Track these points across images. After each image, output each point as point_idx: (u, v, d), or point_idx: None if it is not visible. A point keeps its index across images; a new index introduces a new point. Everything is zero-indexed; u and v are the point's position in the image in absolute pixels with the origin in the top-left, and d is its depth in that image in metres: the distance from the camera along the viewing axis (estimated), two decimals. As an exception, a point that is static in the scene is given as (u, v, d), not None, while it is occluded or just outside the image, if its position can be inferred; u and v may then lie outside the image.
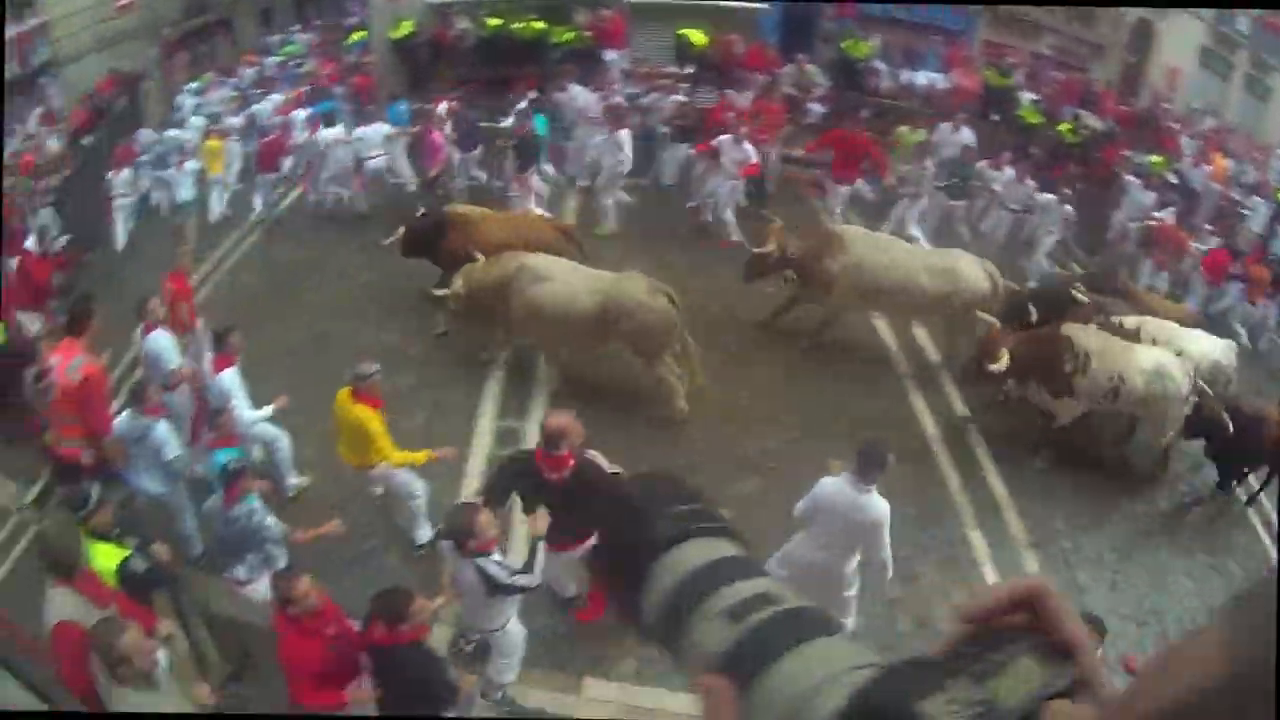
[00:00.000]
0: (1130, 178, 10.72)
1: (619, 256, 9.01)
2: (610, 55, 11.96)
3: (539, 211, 9.33)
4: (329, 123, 10.69)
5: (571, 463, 5.09)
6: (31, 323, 8.08)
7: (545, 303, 7.14)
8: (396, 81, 11.92)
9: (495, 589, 4.64)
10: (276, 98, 12.07)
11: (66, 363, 5.72)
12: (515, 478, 5.26)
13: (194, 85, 12.44)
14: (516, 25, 11.90)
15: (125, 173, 10.45)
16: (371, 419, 5.69)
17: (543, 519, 4.90)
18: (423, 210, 8.88)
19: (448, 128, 10.49)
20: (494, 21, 11.98)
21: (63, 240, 8.87)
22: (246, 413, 6.26)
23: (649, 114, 11.07)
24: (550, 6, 12.14)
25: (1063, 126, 11.25)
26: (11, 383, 7.79)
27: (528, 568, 4.73)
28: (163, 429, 5.94)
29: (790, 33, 12.47)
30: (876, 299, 8.26)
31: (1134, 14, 12.35)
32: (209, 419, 6.01)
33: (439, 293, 7.69)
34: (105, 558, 4.71)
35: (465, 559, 4.59)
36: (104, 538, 4.88)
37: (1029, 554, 6.94)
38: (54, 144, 11.10)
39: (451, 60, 11.99)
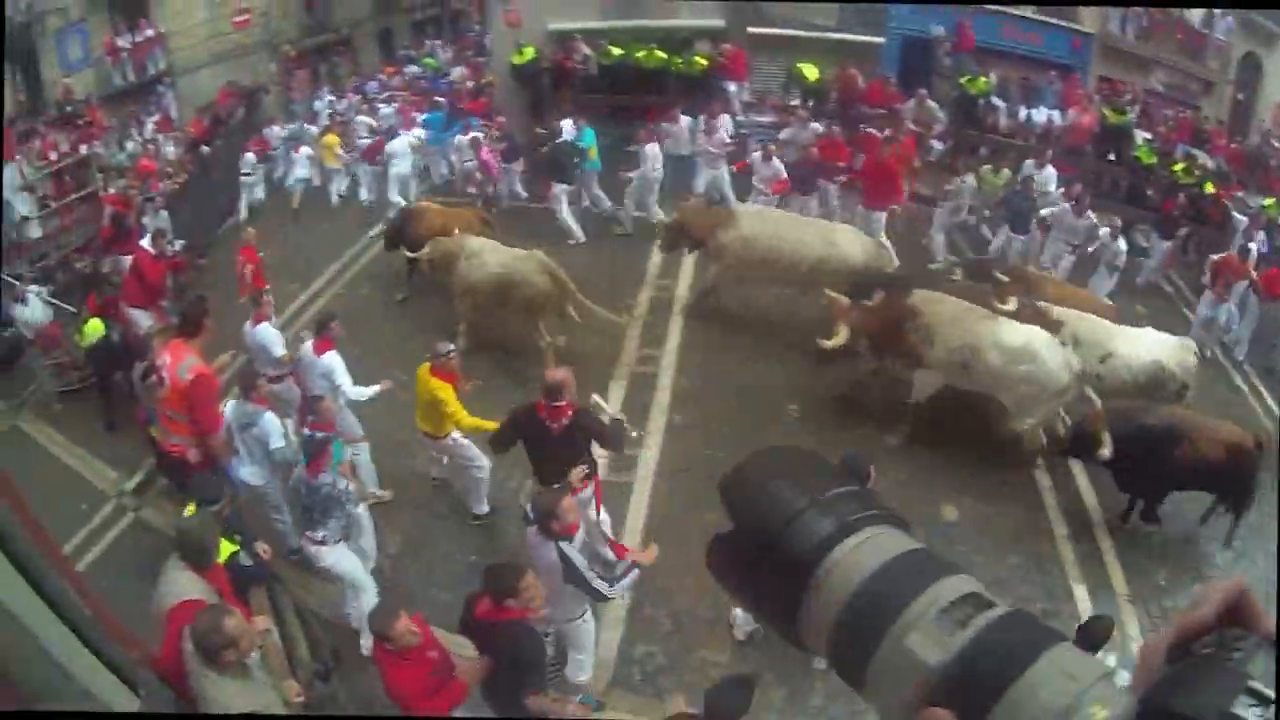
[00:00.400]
0: (1240, 217, 10.36)
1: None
2: (731, 87, 12.14)
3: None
4: (391, 135, 11.84)
5: (570, 412, 5.44)
6: (143, 320, 8.39)
7: (472, 274, 8.45)
8: (516, 105, 12.35)
9: (571, 576, 4.69)
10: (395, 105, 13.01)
11: (177, 362, 5.72)
12: (519, 427, 5.61)
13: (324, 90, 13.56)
14: (639, 54, 12.18)
15: (250, 155, 11.73)
16: (444, 389, 6.08)
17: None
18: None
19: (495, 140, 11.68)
20: (616, 51, 12.26)
21: (179, 244, 9.14)
22: (350, 388, 6.56)
23: (788, 147, 11.18)
24: (672, 37, 12.39)
25: (1177, 166, 10.90)
26: (114, 374, 8.20)
27: (613, 580, 4.81)
28: (270, 418, 6.12)
29: (908, 67, 12.46)
30: (765, 266, 8.81)
31: (1242, 48, 11.99)
32: (309, 405, 6.16)
33: (410, 255, 9.11)
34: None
35: (548, 541, 4.67)
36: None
37: (1130, 609, 6.59)
38: (170, 150, 11.60)
39: (573, 87, 12.32)
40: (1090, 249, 9.85)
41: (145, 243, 8.83)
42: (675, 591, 5.99)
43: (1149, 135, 11.78)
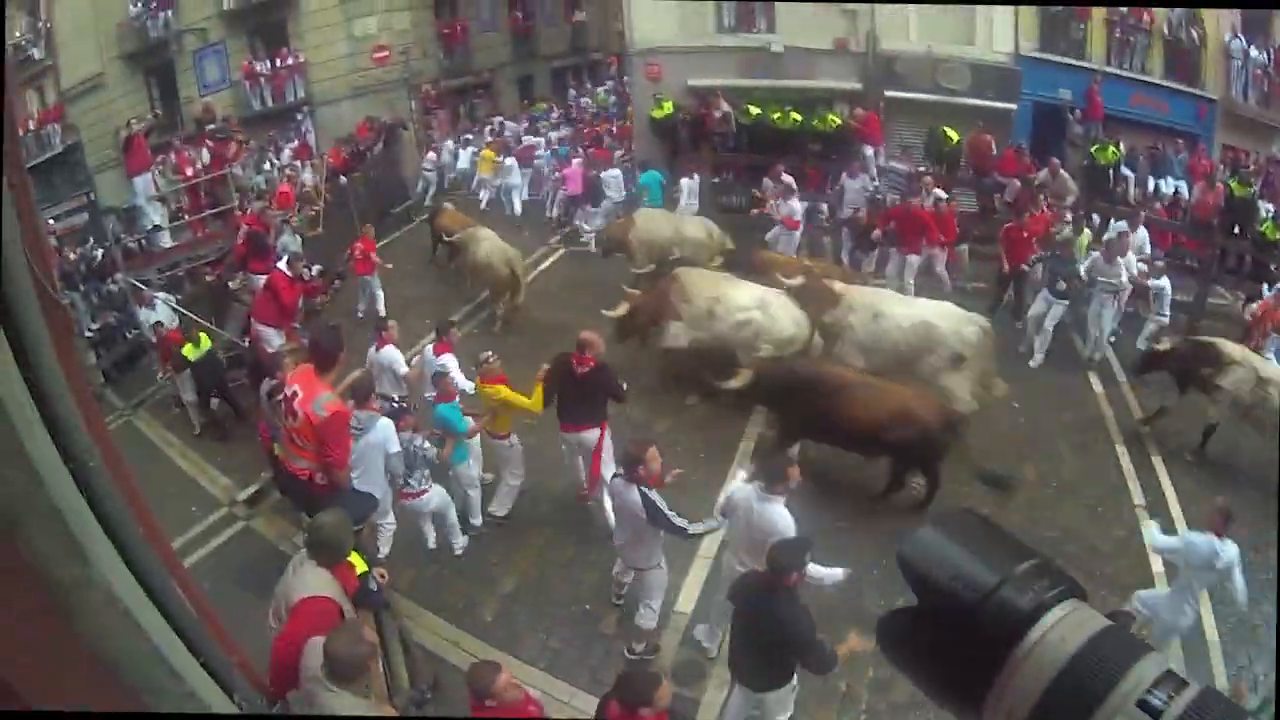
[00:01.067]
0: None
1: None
2: (868, 150, 12.21)
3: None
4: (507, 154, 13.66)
5: (593, 364, 6.63)
6: (274, 338, 8.64)
7: (475, 257, 10.32)
8: (654, 158, 12.81)
9: (654, 517, 5.29)
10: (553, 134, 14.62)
11: (311, 397, 5.59)
12: (555, 369, 6.72)
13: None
14: (775, 115, 12.41)
15: (431, 155, 13.78)
16: (497, 390, 6.82)
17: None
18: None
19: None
20: (755, 110, 12.51)
21: (315, 269, 9.45)
22: (464, 382, 7.27)
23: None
24: (807, 98, 12.58)
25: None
26: (214, 389, 8.76)
27: (694, 520, 5.45)
28: (386, 423, 6.37)
29: (1041, 135, 12.32)
30: (652, 250, 10.66)
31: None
32: (432, 381, 7.14)
33: (447, 239, 10.96)
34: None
35: (632, 485, 5.30)
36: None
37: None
38: (308, 177, 12.09)
39: (711, 143, 12.68)
40: (1123, 293, 9.72)
41: (282, 265, 9.07)
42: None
43: (1271, 206, 11.33)
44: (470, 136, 14.21)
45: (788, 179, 11.43)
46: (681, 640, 6.17)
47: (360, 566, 4.84)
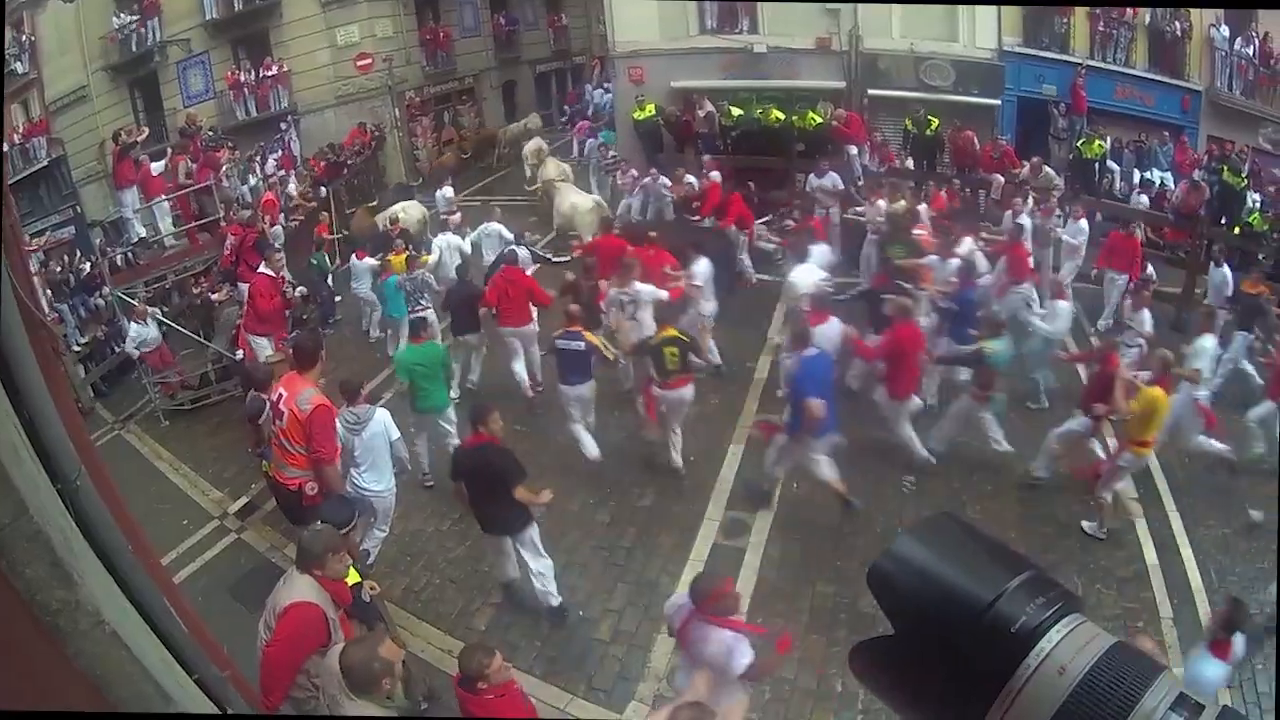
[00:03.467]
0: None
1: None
2: (853, 149, 12.19)
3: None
4: None
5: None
6: (264, 348, 8.51)
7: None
8: (637, 158, 12.87)
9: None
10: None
11: (295, 395, 5.73)
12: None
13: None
14: (758, 113, 12.43)
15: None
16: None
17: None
18: None
19: None
20: (736, 111, 12.56)
21: (299, 290, 9.28)
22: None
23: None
24: (791, 97, 12.59)
25: (1290, 230, 10.52)
26: None
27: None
28: (383, 413, 6.39)
29: (1026, 130, 12.38)
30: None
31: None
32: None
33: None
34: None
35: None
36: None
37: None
38: (293, 187, 12.01)
39: (695, 145, 12.70)
40: None
41: (263, 267, 8.96)
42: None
43: (1258, 195, 11.37)
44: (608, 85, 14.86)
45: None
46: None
47: (353, 578, 4.85)
